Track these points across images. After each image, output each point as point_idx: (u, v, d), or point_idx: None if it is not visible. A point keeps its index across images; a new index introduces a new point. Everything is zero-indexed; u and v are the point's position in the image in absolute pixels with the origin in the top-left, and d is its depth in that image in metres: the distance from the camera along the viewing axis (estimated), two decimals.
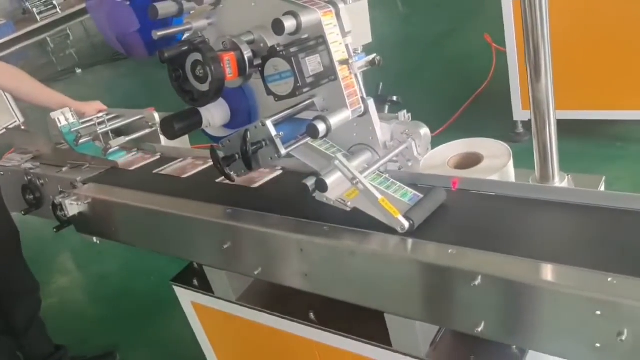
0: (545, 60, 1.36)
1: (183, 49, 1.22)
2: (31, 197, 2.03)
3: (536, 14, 1.31)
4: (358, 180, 1.16)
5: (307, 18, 1.16)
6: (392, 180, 1.28)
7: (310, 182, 1.20)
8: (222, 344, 1.79)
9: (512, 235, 1.11)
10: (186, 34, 1.36)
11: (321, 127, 1.17)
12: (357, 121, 1.31)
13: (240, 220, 1.35)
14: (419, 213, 1.17)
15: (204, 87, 1.24)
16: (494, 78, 4.04)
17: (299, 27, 1.15)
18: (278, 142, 1.21)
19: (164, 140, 2.02)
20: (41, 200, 2.03)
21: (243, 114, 1.42)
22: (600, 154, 3.14)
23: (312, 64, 1.22)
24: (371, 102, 1.30)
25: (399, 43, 6.62)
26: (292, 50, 1.19)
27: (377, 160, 1.29)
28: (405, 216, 1.15)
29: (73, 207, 1.69)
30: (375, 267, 1.15)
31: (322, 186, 1.17)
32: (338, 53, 1.23)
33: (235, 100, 1.41)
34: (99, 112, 2.06)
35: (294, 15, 1.14)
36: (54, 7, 12.90)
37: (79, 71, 9.12)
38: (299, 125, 1.26)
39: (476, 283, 0.99)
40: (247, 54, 1.27)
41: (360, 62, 1.27)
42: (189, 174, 1.71)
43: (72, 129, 1.98)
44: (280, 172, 1.60)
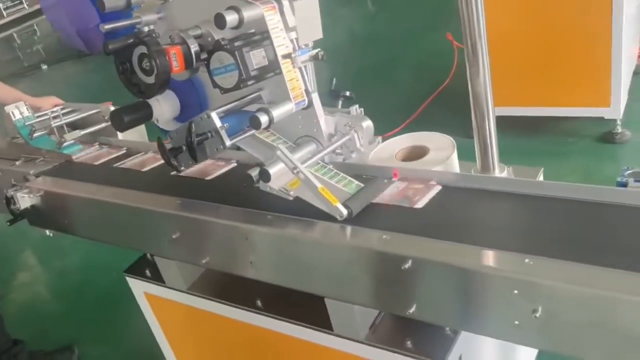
0: (483, 56, 1.42)
1: (128, 42, 1.24)
2: None
3: (472, 12, 1.37)
4: (299, 169, 1.20)
5: (249, 13, 1.20)
6: (335, 170, 1.33)
7: (255, 172, 1.24)
8: (174, 333, 1.82)
9: (443, 222, 1.17)
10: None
11: (263, 118, 1.21)
12: (302, 114, 1.35)
13: (188, 210, 1.38)
14: (357, 202, 1.22)
15: (150, 79, 1.27)
16: (456, 75, 4.14)
17: (241, 22, 1.19)
18: (223, 133, 1.24)
19: (120, 134, 2.04)
20: None
21: (193, 107, 1.45)
22: (552, 149, 3.26)
23: (257, 58, 1.26)
24: (315, 95, 1.35)
25: (367, 40, 6.70)
26: (237, 44, 1.23)
27: (320, 150, 1.34)
28: (344, 204, 1.19)
29: (25, 200, 1.69)
30: (316, 254, 1.19)
31: (265, 176, 1.21)
32: (282, 47, 1.27)
33: (185, 93, 1.44)
34: (54, 106, 2.07)
35: (236, 10, 1.18)
36: (21, 3, 12.70)
37: (45, 67, 8.98)
38: (245, 118, 1.30)
39: (406, 266, 1.04)
40: (194, 48, 1.30)
41: (304, 57, 1.31)
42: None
43: (27, 123, 1.98)
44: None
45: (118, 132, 1.86)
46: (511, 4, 3.06)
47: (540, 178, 1.60)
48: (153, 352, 1.98)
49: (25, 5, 12.59)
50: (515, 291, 0.95)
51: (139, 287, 1.74)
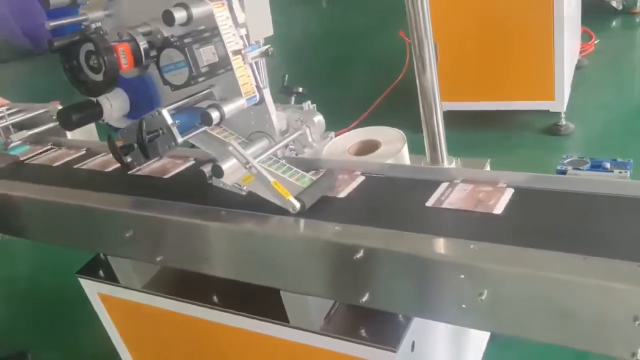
0: (429, 52, 1.47)
1: (74, 39, 1.23)
2: None
3: (418, 10, 1.41)
4: (251, 165, 1.22)
5: (198, 10, 1.20)
6: (288, 165, 1.35)
7: (207, 168, 1.24)
8: (130, 333, 1.81)
9: (394, 212, 1.21)
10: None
11: (214, 114, 1.22)
12: (254, 109, 1.36)
13: (140, 208, 1.38)
14: (310, 195, 1.24)
15: (99, 77, 1.26)
16: (409, 71, 4.21)
17: (190, 19, 1.19)
18: (174, 130, 1.24)
19: (69, 134, 2.00)
20: None
21: (144, 104, 1.44)
22: (500, 141, 3.38)
23: (207, 55, 1.26)
24: (267, 91, 1.36)
25: (321, 37, 6.73)
26: (186, 41, 1.23)
27: (272, 146, 1.35)
28: (297, 198, 1.21)
29: None
30: (270, 247, 1.21)
31: (218, 172, 1.22)
32: (232, 44, 1.28)
33: (135, 90, 1.43)
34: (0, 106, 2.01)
35: (185, 6, 1.18)
36: None
37: None
38: (197, 115, 1.30)
39: (358, 256, 1.07)
40: (143, 45, 1.29)
41: (254, 53, 1.32)
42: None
43: None
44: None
45: (67, 131, 1.82)
46: (457, 1, 3.15)
47: (487, 168, 1.66)
48: (109, 354, 1.96)
49: None
50: (462, 276, 0.99)
51: (92, 288, 1.72)
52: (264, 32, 1.38)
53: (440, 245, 1.06)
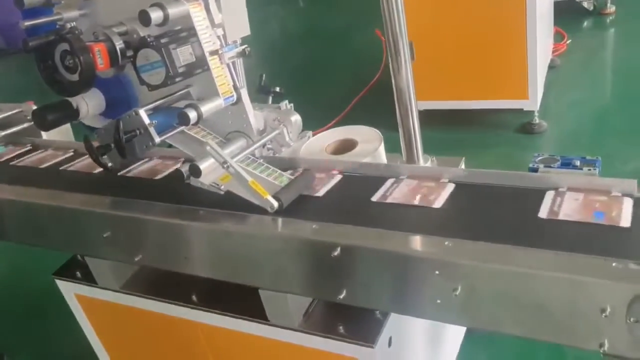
0: (404, 52, 1.49)
1: (49, 39, 1.22)
2: None
3: (393, 10, 1.43)
4: (229, 164, 1.23)
5: (174, 10, 1.20)
6: (266, 164, 1.35)
7: (185, 168, 1.25)
8: (108, 334, 1.80)
9: (369, 210, 1.22)
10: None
11: (192, 114, 1.22)
12: (231, 109, 1.37)
13: (118, 208, 1.37)
14: (288, 194, 1.26)
15: (74, 77, 1.25)
16: (386, 70, 4.24)
17: (166, 19, 1.19)
18: (152, 130, 1.24)
19: (44, 134, 1.98)
20: None
21: (121, 104, 1.43)
22: (475, 140, 3.43)
23: (184, 55, 1.26)
24: (244, 91, 1.37)
25: (298, 37, 6.74)
26: (163, 41, 1.23)
27: (250, 145, 1.36)
28: (275, 196, 1.22)
29: None
30: (248, 246, 1.22)
31: (195, 171, 1.22)
32: (208, 44, 1.28)
33: (112, 90, 1.43)
34: None
35: (161, 6, 1.18)
36: None
37: None
38: (174, 114, 1.30)
39: (336, 253, 1.09)
40: (119, 45, 1.29)
41: (231, 53, 1.33)
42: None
43: None
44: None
45: (42, 131, 1.81)
46: (432, 2, 3.19)
47: (462, 166, 1.69)
48: (87, 355, 1.94)
49: None
50: (437, 272, 1.02)
51: (69, 289, 1.71)
52: (240, 32, 1.38)
53: (416, 242, 1.08)
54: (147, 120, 1.24)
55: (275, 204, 1.21)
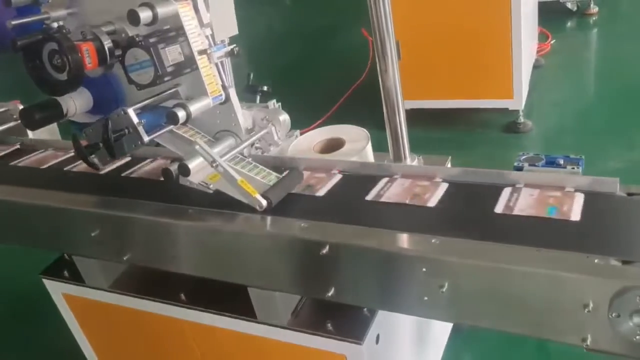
0: (391, 52, 1.50)
1: (37, 38, 1.22)
2: None
3: (380, 11, 1.44)
4: (218, 163, 1.23)
5: (163, 9, 1.20)
6: (254, 163, 1.36)
7: (174, 167, 1.25)
8: (96, 334, 1.79)
9: (358, 209, 1.24)
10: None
11: (181, 113, 1.23)
12: (220, 108, 1.37)
13: (107, 207, 1.37)
14: (276, 192, 1.27)
15: (63, 76, 1.25)
16: (372, 69, 4.26)
17: (155, 18, 1.19)
18: (140, 129, 1.25)
19: (31, 133, 1.97)
20: None
21: (109, 103, 1.43)
22: (462, 139, 3.46)
23: (172, 54, 1.26)
24: (232, 90, 1.37)
25: (286, 36, 6.74)
26: (152, 40, 1.23)
27: (239, 144, 1.37)
28: (263, 195, 1.23)
29: None
30: (237, 244, 1.23)
31: (184, 170, 1.23)
32: (197, 43, 1.29)
33: (100, 89, 1.42)
34: None
35: (150, 6, 1.18)
36: None
37: None
38: (163, 114, 1.30)
39: (324, 251, 1.10)
40: (107, 44, 1.29)
41: (220, 52, 1.33)
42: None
43: None
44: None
45: (29, 130, 1.80)
46: (418, 2, 3.21)
47: (448, 165, 1.71)
48: (75, 355, 1.94)
49: None
50: (424, 269, 1.03)
51: (57, 289, 1.70)
52: (228, 31, 1.39)
53: (403, 240, 1.09)
54: (135, 120, 1.24)
55: (264, 202, 1.22)
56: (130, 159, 1.65)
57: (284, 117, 1.45)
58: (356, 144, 1.67)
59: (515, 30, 3.07)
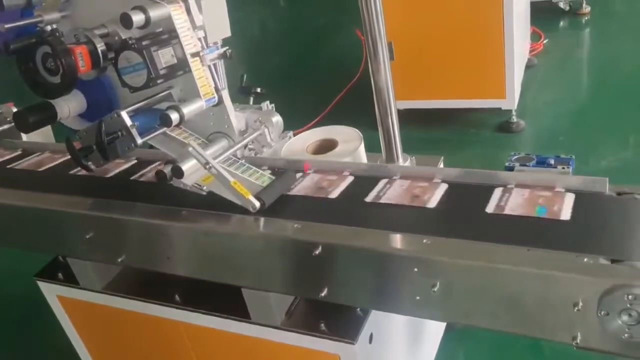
0: (383, 53, 1.51)
1: (31, 41, 1.22)
2: None
3: (372, 11, 1.45)
4: (211, 165, 1.24)
5: (156, 12, 1.21)
6: (248, 165, 1.37)
7: (167, 169, 1.26)
8: (91, 335, 1.80)
9: (351, 209, 1.25)
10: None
11: (174, 116, 1.23)
12: (213, 110, 1.38)
13: (101, 209, 1.38)
14: (269, 193, 1.27)
15: (56, 79, 1.26)
16: (366, 70, 4.26)
17: (148, 21, 1.20)
18: (134, 132, 1.25)
19: (24, 136, 1.97)
20: None
21: (102, 105, 1.44)
22: (455, 139, 3.47)
23: (165, 57, 1.27)
24: (225, 92, 1.38)
25: (279, 36, 6.74)
26: (144, 43, 1.24)
27: (232, 146, 1.37)
28: (257, 196, 1.24)
29: None
30: (231, 246, 1.24)
31: (178, 172, 1.23)
32: (190, 46, 1.30)
33: (93, 92, 1.43)
34: None
35: (142, 9, 1.19)
36: None
37: None
38: (156, 116, 1.31)
39: (317, 252, 1.11)
40: (101, 47, 1.29)
41: (212, 55, 1.34)
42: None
43: None
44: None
45: (22, 133, 1.80)
46: (411, 3, 3.22)
47: (441, 166, 1.72)
48: (69, 358, 1.94)
49: None
50: (416, 269, 1.04)
51: (51, 291, 1.70)
52: (221, 33, 1.39)
53: (395, 240, 1.10)
54: (129, 122, 1.24)
55: (257, 203, 1.23)
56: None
57: (277, 118, 1.46)
58: (349, 145, 1.68)
59: (508, 30, 3.09)
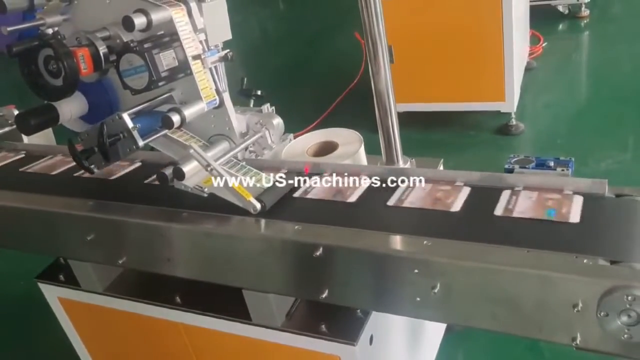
0: (383, 55, 1.52)
1: (33, 44, 1.23)
2: None
3: (372, 14, 1.46)
4: (212, 167, 1.25)
5: (157, 15, 1.22)
6: (248, 167, 1.38)
7: (169, 171, 1.26)
8: (92, 337, 1.80)
9: (350, 211, 1.25)
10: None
11: (175, 118, 1.24)
12: (214, 113, 1.39)
13: (102, 211, 1.38)
14: (270, 195, 1.28)
15: (58, 82, 1.26)
16: (365, 72, 4.27)
17: (150, 24, 1.21)
18: (135, 134, 1.26)
19: (26, 138, 1.98)
20: None
21: (103, 108, 1.44)
22: (454, 142, 3.49)
23: (167, 59, 1.28)
24: (226, 95, 1.39)
25: (279, 40, 6.76)
26: (146, 46, 1.25)
27: (233, 148, 1.38)
28: (258, 198, 1.25)
29: None
30: (232, 247, 1.24)
31: (179, 174, 1.24)
32: (191, 49, 1.30)
33: (95, 94, 1.44)
34: None
35: (144, 12, 1.20)
36: None
37: None
38: (157, 118, 1.32)
39: (318, 254, 1.12)
40: (102, 50, 1.30)
41: (213, 57, 1.34)
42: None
43: None
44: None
45: (24, 135, 1.81)
46: (410, 7, 3.23)
47: (441, 168, 1.73)
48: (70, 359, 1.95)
49: None
50: (416, 270, 1.05)
51: (52, 293, 1.71)
52: (222, 36, 1.40)
53: (396, 241, 1.11)
54: (130, 124, 1.25)
55: (258, 205, 1.23)
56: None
57: (278, 120, 1.47)
58: (349, 147, 1.68)
59: (507, 34, 3.10)
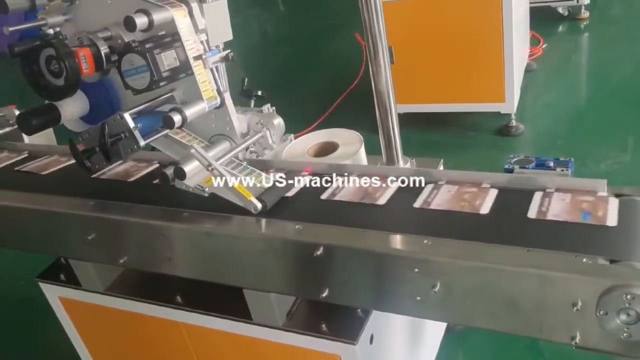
0: (384, 56, 1.52)
1: (35, 44, 1.24)
2: None
3: (372, 15, 1.47)
4: (213, 167, 1.25)
5: (159, 16, 1.22)
6: (250, 167, 1.38)
7: (170, 170, 1.27)
8: (93, 337, 1.81)
9: (351, 211, 1.26)
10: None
11: (176, 118, 1.25)
12: (215, 113, 1.39)
13: (103, 211, 1.39)
14: (271, 195, 1.29)
15: (60, 82, 1.27)
16: (366, 73, 4.28)
17: (151, 25, 1.21)
18: (136, 133, 1.26)
19: (27, 138, 1.99)
20: None
21: (105, 108, 1.45)
22: (455, 142, 3.49)
23: (168, 59, 1.28)
24: (227, 95, 1.39)
25: (280, 40, 6.77)
26: (147, 46, 1.25)
27: (234, 148, 1.38)
28: (259, 198, 1.25)
29: None
30: (233, 247, 1.24)
31: (180, 174, 1.24)
32: (192, 49, 1.31)
33: (96, 94, 1.44)
34: None
35: (146, 13, 1.20)
36: None
37: None
38: (159, 118, 1.32)
39: (318, 253, 1.12)
40: (104, 50, 1.30)
41: (214, 58, 1.35)
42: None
43: None
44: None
45: (25, 135, 1.81)
46: (410, 8, 3.24)
47: (440, 168, 1.73)
48: (71, 358, 1.95)
49: None
50: (416, 269, 1.05)
51: (53, 292, 1.71)
52: (223, 37, 1.41)
53: (396, 241, 1.11)
54: (132, 124, 1.26)
55: (259, 205, 1.24)
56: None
57: (279, 121, 1.47)
58: (349, 147, 1.69)
59: (507, 35, 3.11)
